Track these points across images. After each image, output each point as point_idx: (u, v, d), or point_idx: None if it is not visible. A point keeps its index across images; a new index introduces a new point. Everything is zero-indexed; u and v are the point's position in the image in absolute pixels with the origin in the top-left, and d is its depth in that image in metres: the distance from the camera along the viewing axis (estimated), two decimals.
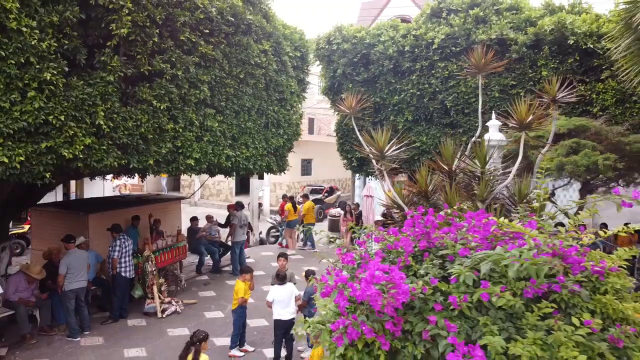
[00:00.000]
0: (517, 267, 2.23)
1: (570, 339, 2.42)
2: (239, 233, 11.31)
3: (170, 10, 6.85)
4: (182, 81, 7.25)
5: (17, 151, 5.34)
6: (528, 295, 2.57)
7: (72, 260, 7.48)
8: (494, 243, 2.82)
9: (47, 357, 6.99)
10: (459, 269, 2.49)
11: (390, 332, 2.50)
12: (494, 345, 2.27)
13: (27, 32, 5.23)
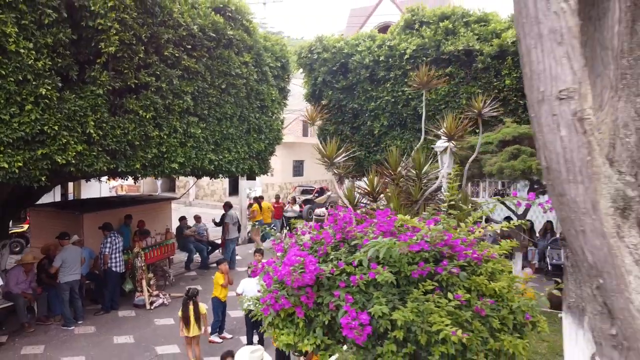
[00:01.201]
0: (377, 249, 2.93)
1: (443, 308, 3.13)
2: (231, 231, 12.05)
3: (154, 29, 7.55)
4: (167, 92, 7.96)
5: (15, 157, 6.05)
6: (415, 275, 3.28)
7: (66, 256, 8.19)
8: (396, 235, 3.53)
9: (44, 344, 7.69)
10: (358, 254, 3.21)
11: (304, 304, 3.21)
12: (377, 311, 2.98)
13: (25, 53, 5.94)
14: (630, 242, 1.70)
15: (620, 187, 1.71)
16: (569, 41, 1.59)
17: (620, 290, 1.68)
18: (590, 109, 1.65)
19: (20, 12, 5.89)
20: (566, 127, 1.62)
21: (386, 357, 3.06)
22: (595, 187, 1.65)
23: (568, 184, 1.67)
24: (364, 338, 2.93)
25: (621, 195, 1.70)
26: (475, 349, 3.12)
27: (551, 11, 1.57)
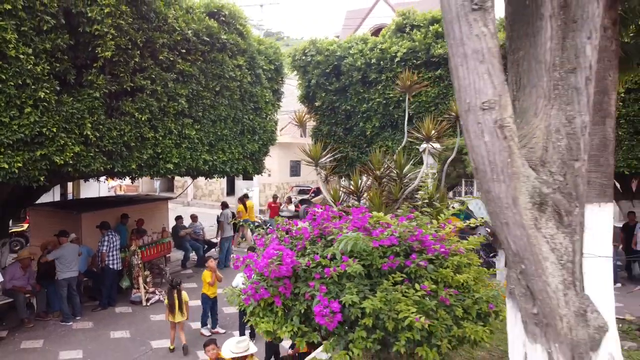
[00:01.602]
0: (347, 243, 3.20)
1: (410, 298, 3.39)
2: (226, 229, 12.32)
3: (150, 34, 7.81)
4: (162, 95, 8.22)
5: (15, 158, 6.30)
6: (385, 267, 3.55)
7: (64, 253, 8.45)
8: (370, 231, 3.80)
9: (43, 339, 7.95)
10: (331, 248, 3.47)
11: (282, 294, 3.47)
12: (348, 300, 3.24)
13: (24, 58, 6.19)
14: (547, 233, 1.96)
15: (537, 185, 1.97)
16: (489, 60, 1.84)
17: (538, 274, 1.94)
18: (509, 118, 1.91)
19: (20, 19, 6.14)
20: (489, 134, 1.88)
21: (357, 343, 3.33)
22: (515, 185, 1.91)
23: (492, 183, 1.93)
24: (335, 324, 3.20)
25: (537, 192, 1.96)
26: (439, 335, 3.39)
27: (473, 34, 1.82)
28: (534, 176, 1.99)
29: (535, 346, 2.09)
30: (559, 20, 2.32)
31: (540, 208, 1.97)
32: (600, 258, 4.62)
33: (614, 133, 4.81)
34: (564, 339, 2.00)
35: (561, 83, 2.33)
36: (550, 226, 1.98)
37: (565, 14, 2.32)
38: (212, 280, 7.78)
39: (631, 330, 6.47)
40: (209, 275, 7.75)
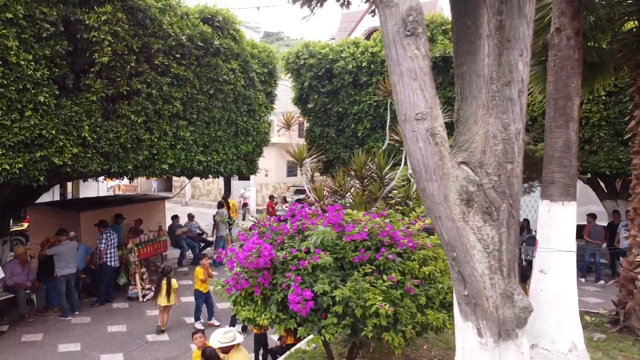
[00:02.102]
0: (319, 237, 3.52)
1: (377, 288, 3.71)
2: (221, 228, 12.65)
3: (145, 40, 8.13)
4: (157, 98, 8.54)
5: (16, 159, 6.62)
6: (356, 260, 3.87)
7: (63, 250, 8.78)
8: (344, 227, 4.12)
9: (43, 332, 8.27)
10: (306, 242, 3.79)
11: (261, 284, 3.80)
12: (319, 289, 3.57)
13: (25, 64, 6.51)
14: (474, 225, 2.27)
15: (464, 184, 2.28)
16: (421, 77, 2.16)
17: (467, 261, 2.26)
18: (440, 127, 2.22)
19: (21, 27, 6.46)
20: (422, 140, 2.19)
21: (329, 328, 3.65)
22: (445, 184, 2.23)
23: (427, 182, 2.24)
24: (307, 311, 3.52)
25: (465, 190, 2.27)
26: (404, 321, 3.71)
27: (407, 56, 2.14)
28: (462, 176, 2.31)
29: (467, 324, 2.41)
30: (495, 39, 2.64)
31: (468, 204, 2.28)
32: (564, 252, 4.96)
33: (577, 136, 5.15)
34: (491, 316, 2.31)
35: (498, 95, 2.65)
36: (477, 219, 2.29)
37: (500, 34, 2.64)
38: (205, 278, 8.11)
39: (602, 323, 6.79)
40: (202, 273, 8.08)
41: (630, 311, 6.31)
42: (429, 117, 2.18)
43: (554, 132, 5.07)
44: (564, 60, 5.02)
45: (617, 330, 6.46)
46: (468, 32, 2.71)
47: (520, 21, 2.63)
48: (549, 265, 5.03)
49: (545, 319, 5.03)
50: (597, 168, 10.52)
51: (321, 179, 10.66)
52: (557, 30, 5.09)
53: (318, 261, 3.63)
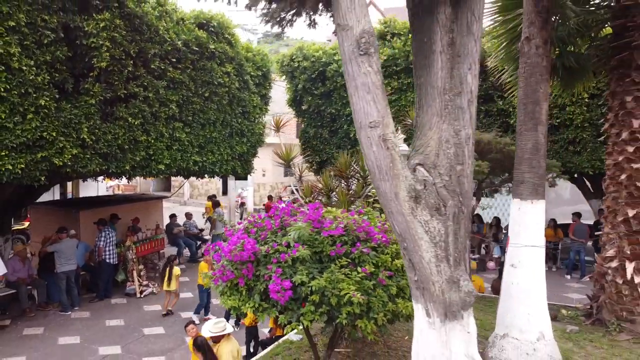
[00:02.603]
0: (297, 233, 3.84)
1: (352, 279, 4.04)
2: (217, 226, 12.98)
3: (142, 45, 8.45)
4: (153, 101, 8.87)
5: (18, 160, 6.94)
6: (333, 254, 4.20)
7: (62, 247, 9.11)
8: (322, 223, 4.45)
9: (43, 326, 8.60)
10: (286, 237, 4.12)
11: (245, 276, 4.13)
12: (297, 280, 3.89)
13: (27, 70, 6.83)
14: (422, 219, 2.59)
15: (412, 183, 2.60)
16: (374, 91, 2.48)
17: (415, 250, 2.58)
18: (391, 133, 2.55)
19: (23, 34, 6.78)
20: (375, 145, 2.51)
21: (306, 316, 3.98)
22: (396, 183, 2.55)
23: (380, 181, 2.56)
24: (286, 299, 3.85)
25: (413, 188, 2.59)
26: (376, 309, 4.04)
27: (361, 72, 2.46)
28: (411, 177, 2.64)
29: (418, 305, 2.74)
30: (448, 54, 2.97)
31: (416, 200, 2.61)
32: (533, 248, 5.30)
33: (546, 139, 5.48)
34: (437, 299, 2.64)
35: (450, 104, 2.98)
36: (425, 214, 2.62)
37: (452, 50, 2.98)
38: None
39: (577, 316, 7.11)
40: (206, 268, 8.41)
41: (602, 304, 6.64)
42: (381, 125, 2.51)
43: (524, 135, 5.39)
44: (533, 68, 5.35)
45: (590, 322, 6.78)
46: (424, 48, 3.04)
47: (468, 39, 2.96)
48: (519, 260, 5.35)
49: (516, 310, 5.35)
50: (581, 168, 10.84)
51: (315, 178, 10.99)
52: (526, 39, 5.41)
53: (296, 254, 3.95)
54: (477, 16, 2.96)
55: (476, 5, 2.95)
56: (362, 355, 5.78)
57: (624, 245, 6.21)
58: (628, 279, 6.16)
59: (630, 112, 6.06)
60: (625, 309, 6.31)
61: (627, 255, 6.19)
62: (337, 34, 2.57)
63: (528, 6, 5.44)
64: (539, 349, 5.23)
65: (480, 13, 2.98)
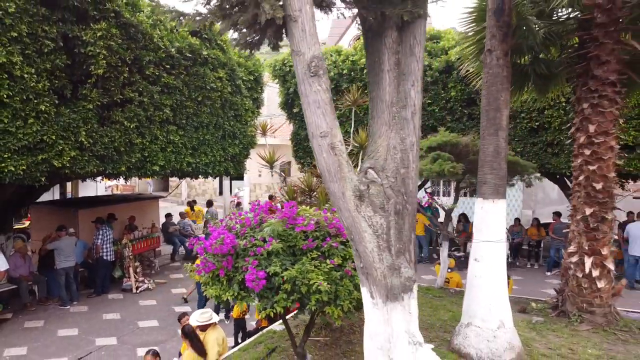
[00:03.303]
0: (270, 228, 4.30)
1: (321, 270, 4.49)
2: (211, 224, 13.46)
3: (137, 52, 8.91)
4: (148, 105, 9.32)
5: (20, 162, 7.40)
6: (304, 247, 4.65)
7: (61, 245, 9.58)
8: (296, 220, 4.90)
9: (44, 320, 9.07)
10: (262, 232, 4.58)
11: (225, 267, 4.58)
12: (271, 270, 4.35)
13: (28, 77, 7.28)
14: (366, 215, 3.04)
15: (357, 184, 3.06)
16: (323, 106, 2.93)
17: (360, 241, 3.03)
18: (338, 142, 3.00)
19: (24, 43, 7.23)
20: (325, 152, 2.96)
21: (280, 303, 4.43)
22: (343, 184, 3.00)
23: (330, 183, 3.01)
24: (260, 287, 4.30)
25: (357, 188, 3.04)
26: (343, 297, 4.49)
27: (312, 90, 2.91)
28: (356, 179, 3.09)
29: (364, 289, 3.19)
30: (394, 73, 3.43)
31: (360, 199, 3.06)
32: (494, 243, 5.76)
33: (506, 143, 5.94)
34: (379, 283, 3.09)
35: (397, 115, 3.44)
36: (369, 210, 3.07)
37: (398, 69, 3.44)
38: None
39: (545, 308, 7.56)
40: None
41: (566, 297, 7.09)
42: (330, 135, 2.96)
43: (486, 140, 5.85)
44: (494, 77, 5.80)
45: (555, 314, 7.23)
46: (375, 66, 3.50)
47: (411, 59, 3.42)
48: (481, 255, 5.81)
49: (478, 301, 5.81)
50: (559, 169, 11.30)
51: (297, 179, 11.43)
52: (488, 51, 5.86)
53: (269, 248, 4.41)
54: (419, 40, 3.41)
55: (418, 30, 3.40)
56: (339, 343, 6.24)
57: (583, 241, 6.67)
58: (587, 272, 6.61)
59: (587, 118, 6.52)
60: (586, 301, 6.77)
61: (585, 251, 6.65)
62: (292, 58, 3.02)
63: (490, 20, 5.89)
64: (499, 336, 5.68)
65: (422, 37, 3.43)
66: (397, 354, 3.13)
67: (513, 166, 9.03)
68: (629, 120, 10.31)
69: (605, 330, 6.63)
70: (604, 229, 6.51)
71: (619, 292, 7.01)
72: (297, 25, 2.89)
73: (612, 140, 6.35)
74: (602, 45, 6.22)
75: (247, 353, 6.09)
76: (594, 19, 6.31)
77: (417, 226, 13.51)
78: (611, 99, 6.27)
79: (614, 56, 6.23)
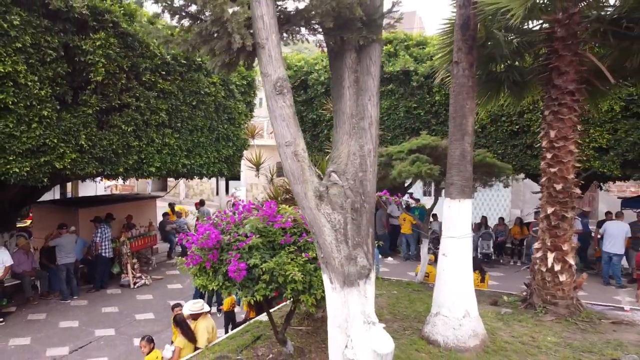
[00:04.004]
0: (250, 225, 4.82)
1: (297, 262, 5.01)
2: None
3: (134, 60, 9.42)
4: (145, 110, 9.84)
5: (24, 164, 7.91)
6: (282, 242, 5.17)
7: (62, 241, 10.10)
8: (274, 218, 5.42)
9: (46, 312, 9.59)
10: (244, 229, 5.10)
11: (211, 260, 5.10)
12: (252, 262, 4.87)
13: (32, 85, 7.79)
14: (325, 212, 3.56)
15: (317, 186, 3.57)
16: (287, 120, 3.44)
17: (320, 234, 3.55)
18: (301, 150, 3.51)
19: (28, 53, 7.74)
20: (290, 158, 3.48)
21: (259, 291, 4.95)
22: (305, 186, 3.51)
23: (294, 185, 3.53)
24: (241, 277, 4.81)
25: (317, 189, 3.55)
26: (316, 287, 5.01)
27: (278, 106, 3.42)
28: (317, 181, 3.61)
29: (325, 275, 3.71)
30: (354, 89, 3.95)
31: (320, 198, 3.57)
32: (460, 238, 6.29)
33: (472, 147, 6.45)
34: (337, 271, 3.60)
35: (356, 126, 3.96)
36: (328, 208, 3.58)
37: (357, 86, 3.95)
38: None
39: (514, 301, 8.08)
40: None
41: (533, 290, 7.62)
42: (293, 144, 3.48)
43: (453, 144, 6.37)
44: (460, 87, 6.32)
45: (524, 306, 7.76)
46: (337, 83, 4.02)
47: (368, 77, 3.94)
48: (449, 250, 6.34)
49: (445, 292, 6.34)
50: (538, 171, 11.79)
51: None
52: (455, 62, 6.38)
53: (250, 242, 4.93)
54: (374, 60, 3.93)
55: (373, 52, 3.92)
56: (319, 332, 6.76)
57: (546, 238, 7.20)
58: (550, 267, 7.14)
59: (549, 124, 7.04)
60: (549, 294, 7.29)
61: (549, 247, 7.18)
62: (262, 78, 3.53)
63: (457, 34, 6.41)
64: (464, 324, 6.21)
65: (377, 58, 3.95)
66: (353, 331, 3.65)
67: (491, 168, 9.59)
68: (603, 124, 10.83)
69: (567, 320, 7.16)
70: (565, 227, 7.04)
71: (580, 284, 7.54)
72: (264, 52, 3.40)
73: (571, 144, 6.86)
74: (562, 57, 6.74)
75: (235, 340, 6.61)
76: (554, 32, 6.83)
77: (405, 225, 14.05)
78: (570, 106, 6.79)
79: (572, 67, 6.75)
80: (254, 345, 6.44)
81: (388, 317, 7.49)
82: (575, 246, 7.38)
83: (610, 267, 11.35)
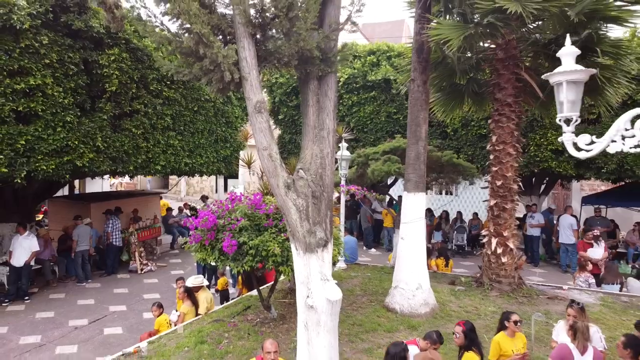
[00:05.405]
0: (240, 211, 6.17)
1: (277, 240, 6.36)
2: None
3: (143, 71, 10.77)
4: (152, 115, 11.19)
5: (50, 162, 9.25)
6: (266, 225, 6.52)
7: (79, 232, 11.44)
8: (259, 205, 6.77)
9: (65, 293, 10.93)
10: (235, 214, 6.46)
11: (210, 238, 6.46)
12: (241, 240, 6.23)
13: (57, 94, 9.13)
14: (292, 198, 4.91)
15: (286, 178, 4.91)
16: (264, 131, 4.78)
17: (287, 214, 4.90)
18: (274, 152, 4.86)
19: (54, 68, 9.08)
20: (266, 159, 4.82)
21: (247, 262, 6.30)
22: (277, 179, 4.86)
23: (270, 178, 4.87)
24: (233, 251, 6.17)
25: (286, 181, 4.90)
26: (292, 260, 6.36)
27: (258, 121, 4.77)
28: (286, 175, 4.96)
29: (292, 245, 5.08)
30: (315, 107, 5.29)
31: (288, 187, 4.92)
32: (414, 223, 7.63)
33: (425, 150, 7.80)
34: (301, 242, 4.95)
35: (318, 135, 5.31)
36: (294, 195, 4.93)
37: (318, 105, 5.30)
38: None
39: (468, 281, 9.43)
40: None
41: (483, 271, 8.97)
42: (269, 149, 4.82)
43: (410, 147, 7.72)
44: (415, 100, 7.67)
45: (476, 285, 9.11)
46: (304, 102, 5.37)
47: (326, 99, 5.29)
48: (406, 234, 7.69)
49: (403, 269, 7.69)
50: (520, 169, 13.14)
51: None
52: (412, 80, 7.73)
53: (240, 224, 6.29)
54: (331, 86, 5.27)
55: (330, 80, 5.26)
56: None
57: (491, 226, 8.55)
58: (493, 250, 8.49)
59: (492, 130, 8.39)
60: (494, 273, 8.64)
61: (493, 233, 8.53)
62: (245, 101, 4.87)
63: (413, 57, 7.77)
64: (417, 295, 7.57)
65: (333, 85, 5.28)
66: (312, 285, 4.99)
67: (456, 167, 10.98)
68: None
69: (509, 295, 8.51)
70: (505, 216, 8.39)
71: (521, 265, 8.89)
72: (247, 82, 4.75)
73: (510, 147, 8.21)
74: (501, 75, 8.09)
75: (229, 309, 7.98)
76: (496, 54, 8.18)
77: (387, 219, 15.35)
78: (508, 116, 8.14)
79: (510, 83, 8.10)
80: (244, 313, 7.80)
81: (359, 293, 8.85)
82: (532, 236, 8.69)
83: (567, 256, 12.69)
